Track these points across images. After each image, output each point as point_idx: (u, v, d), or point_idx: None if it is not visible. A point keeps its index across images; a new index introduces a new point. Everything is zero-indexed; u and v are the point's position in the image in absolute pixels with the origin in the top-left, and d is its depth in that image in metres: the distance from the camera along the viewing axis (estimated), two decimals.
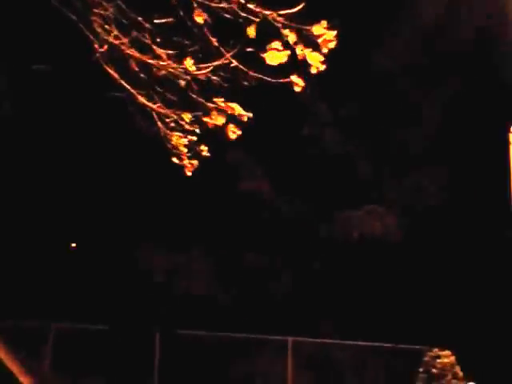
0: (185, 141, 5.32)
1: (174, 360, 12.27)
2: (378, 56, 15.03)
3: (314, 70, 4.77)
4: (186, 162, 5.49)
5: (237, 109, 4.99)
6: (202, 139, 5.42)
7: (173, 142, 5.35)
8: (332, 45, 4.76)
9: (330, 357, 13.60)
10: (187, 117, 5.19)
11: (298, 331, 13.06)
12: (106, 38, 5.47)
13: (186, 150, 5.38)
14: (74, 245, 15.34)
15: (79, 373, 11.59)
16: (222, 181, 14.72)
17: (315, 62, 4.74)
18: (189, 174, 5.51)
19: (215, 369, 12.61)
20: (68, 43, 8.40)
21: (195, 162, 5.50)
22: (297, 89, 4.78)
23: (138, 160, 13.70)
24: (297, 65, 4.74)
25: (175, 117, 5.25)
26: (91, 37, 5.55)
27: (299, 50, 4.63)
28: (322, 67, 4.79)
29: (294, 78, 4.81)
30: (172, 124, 5.40)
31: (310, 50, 4.72)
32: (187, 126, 5.32)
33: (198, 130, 5.27)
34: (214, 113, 5.00)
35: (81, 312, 12.53)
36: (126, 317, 13.19)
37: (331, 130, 15.53)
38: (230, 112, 4.96)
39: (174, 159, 5.49)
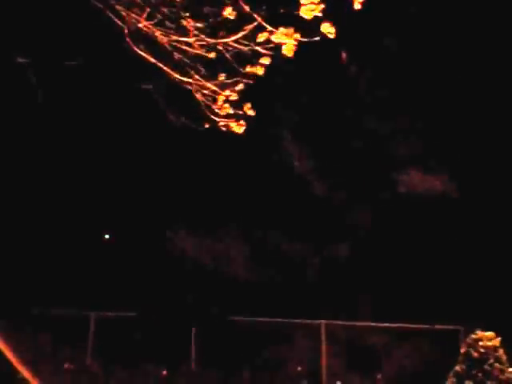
0: (228, 106, 5.21)
1: (210, 344, 12.47)
2: None
3: (357, 6, 4.41)
4: (233, 125, 5.36)
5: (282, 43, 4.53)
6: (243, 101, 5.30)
7: (216, 110, 5.24)
8: None
9: (364, 339, 13.64)
10: (221, 79, 5.04)
11: (331, 314, 13.12)
12: (133, 20, 5.51)
13: (231, 112, 5.25)
14: (107, 236, 15.59)
15: (120, 359, 11.89)
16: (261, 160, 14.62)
17: None
18: (241, 131, 5.37)
19: (250, 352, 12.77)
20: (98, 34, 8.52)
21: (243, 123, 5.36)
22: (330, 36, 4.47)
23: (170, 148, 13.81)
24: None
25: (214, 87, 5.16)
26: (119, 22, 5.60)
27: None
28: None
29: (325, 26, 4.48)
30: (211, 94, 5.32)
31: None
32: (227, 93, 5.21)
33: (240, 88, 5.12)
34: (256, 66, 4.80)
35: (118, 300, 12.80)
36: (166, 304, 13.40)
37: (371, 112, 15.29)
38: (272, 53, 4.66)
39: (222, 127, 5.39)
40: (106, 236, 15.36)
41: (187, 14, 4.98)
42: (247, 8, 4.44)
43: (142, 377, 11.76)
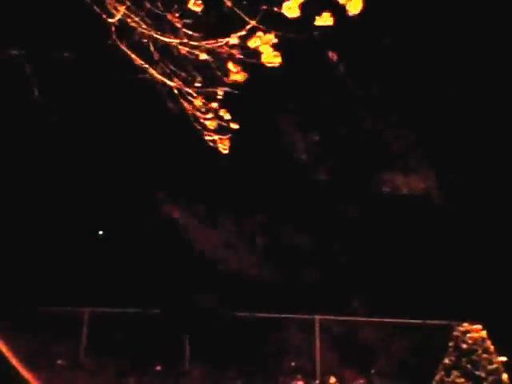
0: (213, 122, 5.18)
1: (204, 339, 12.47)
2: None
3: (352, 11, 3.97)
4: (220, 145, 5.34)
5: (266, 51, 4.37)
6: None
7: (201, 121, 5.22)
8: None
9: (357, 334, 13.68)
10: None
11: (325, 309, 13.15)
12: (120, 17, 5.45)
13: (215, 128, 5.24)
14: (100, 232, 15.57)
15: (114, 356, 11.90)
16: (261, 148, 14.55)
17: None
18: (225, 152, 5.38)
19: (244, 348, 12.79)
20: (88, 28, 8.49)
21: (227, 143, 5.33)
22: (328, 22, 4.10)
23: (166, 138, 13.75)
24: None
25: (196, 95, 5.12)
26: (105, 17, 5.55)
27: None
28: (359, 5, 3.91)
29: (324, 16, 4.11)
30: (196, 102, 5.27)
31: None
32: (214, 105, 5.18)
33: (223, 112, 5.10)
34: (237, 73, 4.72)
35: (114, 296, 12.80)
36: (160, 299, 13.39)
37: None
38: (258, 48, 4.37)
39: (209, 143, 5.38)
40: (100, 232, 15.35)
41: (175, 14, 4.90)
42: (229, 3, 4.27)
43: (135, 373, 11.77)
